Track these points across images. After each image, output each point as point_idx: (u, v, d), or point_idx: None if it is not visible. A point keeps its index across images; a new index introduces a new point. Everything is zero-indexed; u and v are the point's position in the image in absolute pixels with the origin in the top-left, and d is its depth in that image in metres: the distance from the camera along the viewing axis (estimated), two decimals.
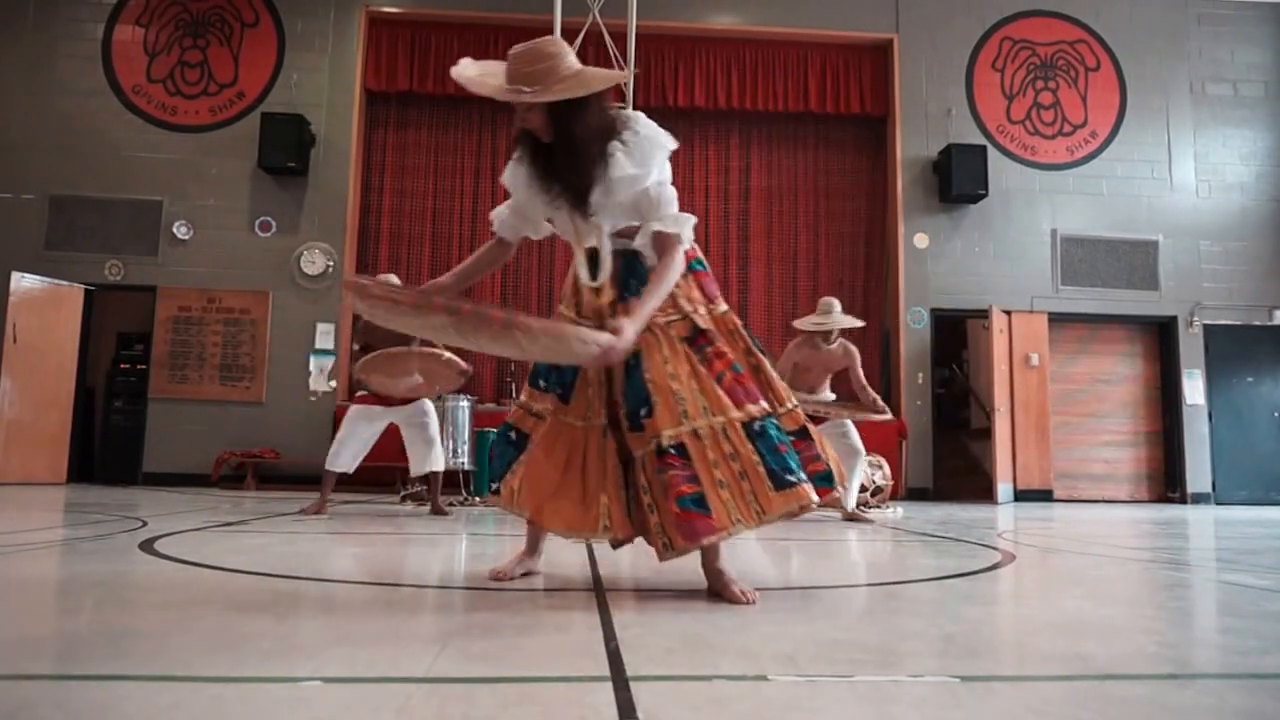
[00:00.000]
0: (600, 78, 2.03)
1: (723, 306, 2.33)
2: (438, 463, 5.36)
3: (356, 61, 9.29)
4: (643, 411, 2.08)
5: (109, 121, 9.05)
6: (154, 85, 9.16)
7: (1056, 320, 9.47)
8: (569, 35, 8.25)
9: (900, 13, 9.71)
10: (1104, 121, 9.84)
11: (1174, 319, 9.58)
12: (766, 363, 2.26)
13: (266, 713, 1.14)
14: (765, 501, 2.00)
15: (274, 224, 9.02)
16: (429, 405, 5.42)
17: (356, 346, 5.33)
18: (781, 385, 2.26)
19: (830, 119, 9.88)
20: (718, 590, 2.15)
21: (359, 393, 5.39)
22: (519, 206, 2.34)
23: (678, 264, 2.16)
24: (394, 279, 5.17)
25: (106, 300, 9.10)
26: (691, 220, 2.23)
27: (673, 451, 2.02)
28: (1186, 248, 9.69)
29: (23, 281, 8.20)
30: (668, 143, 2.13)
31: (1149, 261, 9.63)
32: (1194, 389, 9.48)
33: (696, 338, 2.18)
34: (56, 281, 8.49)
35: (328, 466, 5.20)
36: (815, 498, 2.05)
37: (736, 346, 2.23)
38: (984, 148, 9.41)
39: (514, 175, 2.25)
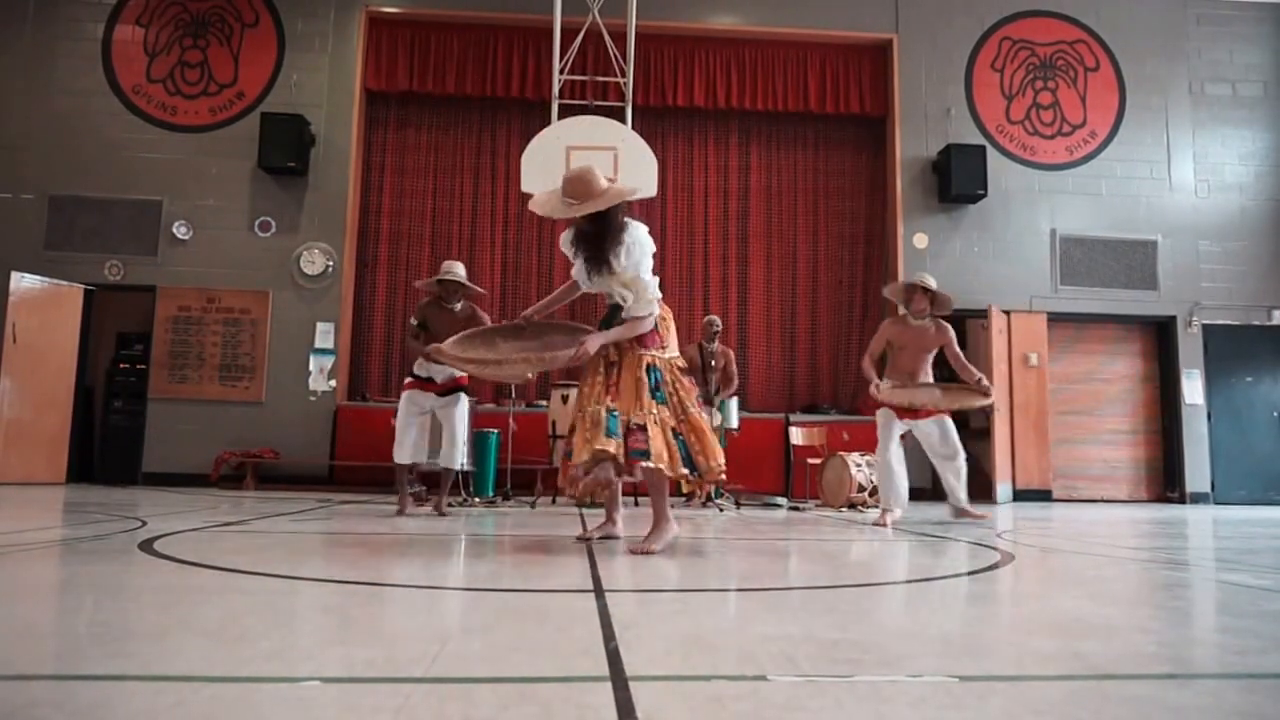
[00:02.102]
0: (616, 193, 3.31)
1: (670, 354, 3.53)
2: (454, 461, 5.40)
3: (356, 61, 9.29)
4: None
5: (109, 121, 9.05)
6: (154, 85, 9.16)
7: (1056, 320, 9.47)
8: (569, 35, 8.28)
9: (900, 13, 9.71)
10: (1103, 122, 9.85)
11: (1173, 319, 9.58)
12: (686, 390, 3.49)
13: (266, 713, 1.14)
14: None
15: (274, 224, 9.01)
16: (465, 400, 5.46)
17: (415, 322, 5.35)
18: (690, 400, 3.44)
19: (830, 119, 9.88)
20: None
21: (407, 379, 5.45)
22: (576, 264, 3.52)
23: (635, 329, 3.40)
24: (459, 269, 5.34)
25: (106, 300, 9.09)
26: (656, 299, 3.44)
27: (635, 426, 3.27)
28: (1185, 248, 9.70)
29: (23, 281, 8.20)
30: (651, 247, 3.40)
31: (1148, 261, 9.64)
32: (1193, 389, 9.48)
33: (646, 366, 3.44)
34: (56, 281, 8.48)
35: (395, 460, 5.36)
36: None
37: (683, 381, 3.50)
38: (983, 148, 9.41)
39: (566, 244, 3.48)
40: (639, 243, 3.35)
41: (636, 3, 8.31)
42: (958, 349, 5.47)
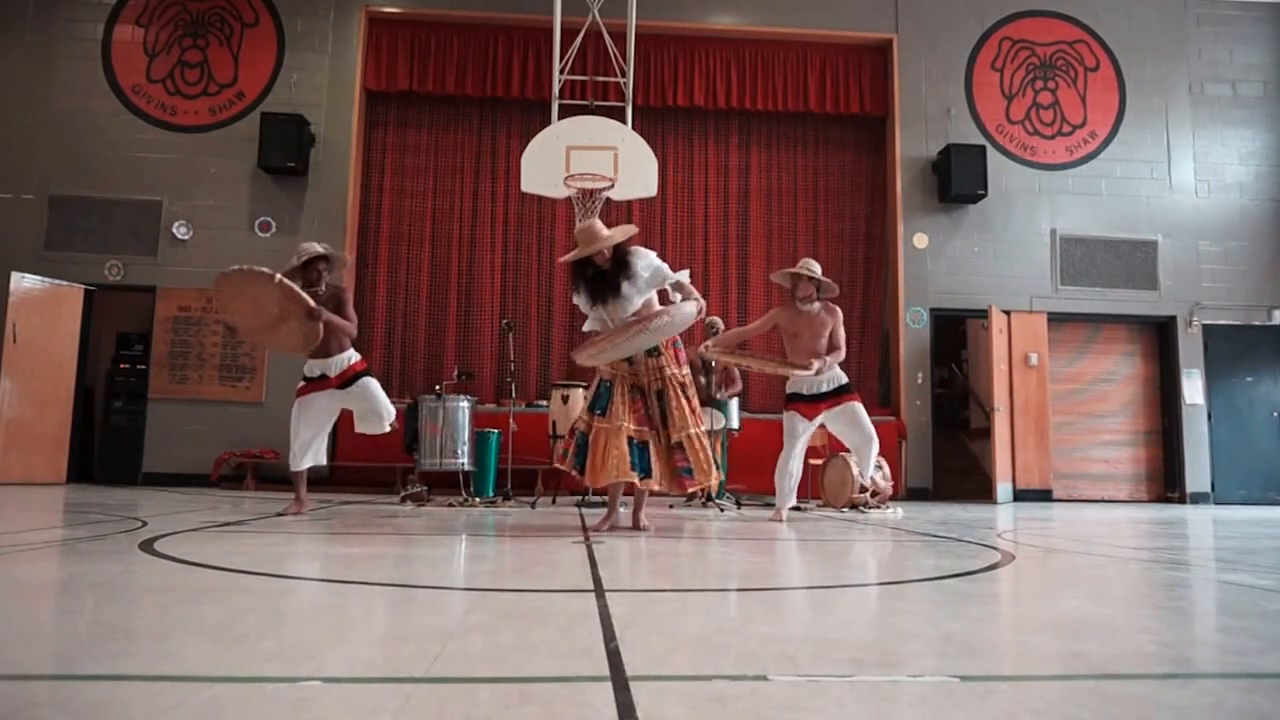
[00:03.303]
0: (624, 231, 4.23)
1: (686, 370, 4.31)
2: (384, 424, 5.21)
3: (356, 61, 9.29)
4: (665, 422, 4.23)
5: (109, 121, 9.05)
6: (154, 85, 9.16)
7: (1056, 320, 9.47)
8: (569, 35, 8.28)
9: (900, 13, 9.71)
10: (1103, 121, 9.85)
11: (1173, 319, 9.58)
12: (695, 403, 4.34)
13: (266, 713, 1.14)
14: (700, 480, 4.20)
15: (274, 224, 9.01)
16: (370, 382, 5.17)
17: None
18: (697, 414, 4.29)
19: (830, 119, 9.88)
20: (636, 522, 4.34)
21: (299, 384, 5.21)
22: (587, 310, 4.32)
23: (693, 291, 4.24)
24: (316, 245, 5.20)
25: (106, 300, 9.09)
26: (686, 271, 4.34)
27: (678, 446, 4.19)
28: (1186, 247, 9.69)
29: (23, 281, 8.20)
30: (655, 255, 4.29)
31: (1148, 261, 9.63)
32: (1193, 389, 9.48)
33: (685, 386, 4.27)
34: (56, 281, 8.48)
35: (291, 468, 5.16)
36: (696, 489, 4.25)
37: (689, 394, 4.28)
38: (983, 148, 9.41)
39: (580, 298, 4.28)
40: (645, 253, 4.25)
41: (636, 3, 8.31)
42: (841, 332, 5.46)
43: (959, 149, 9.32)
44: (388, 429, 5.27)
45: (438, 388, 6.88)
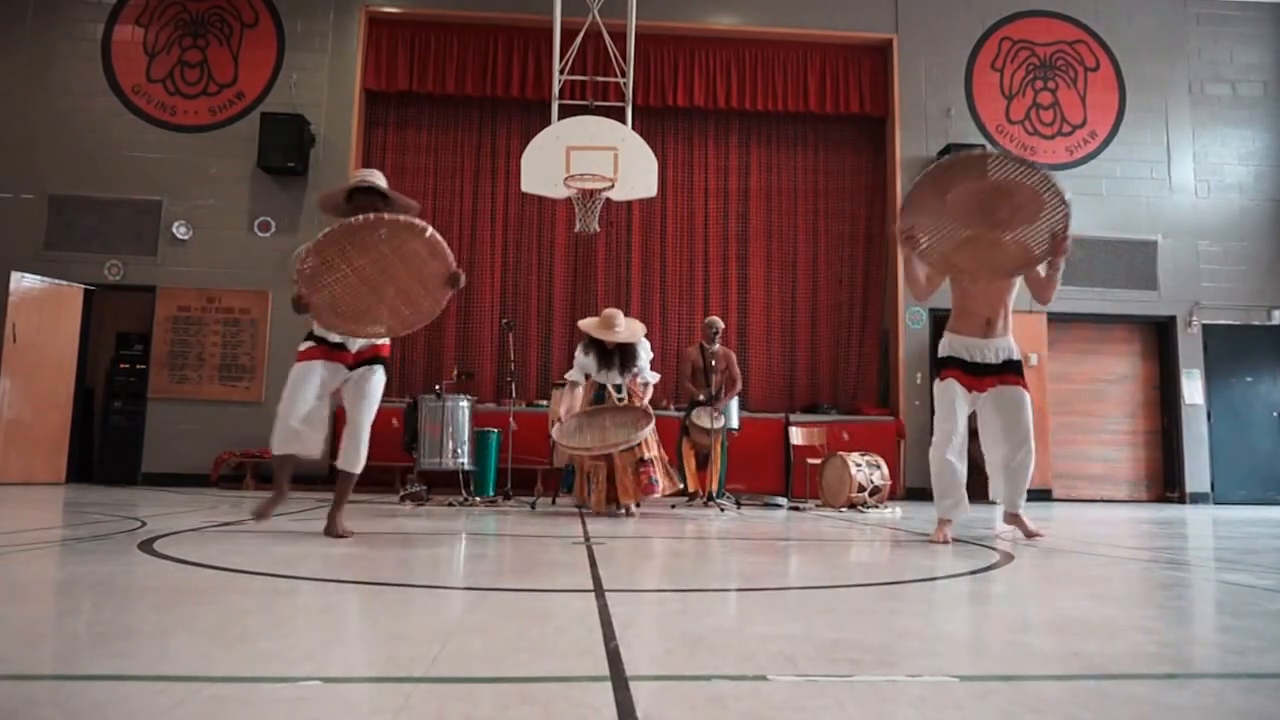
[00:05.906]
0: (639, 329, 5.94)
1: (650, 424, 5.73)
2: (356, 463, 4.11)
3: (356, 61, 9.28)
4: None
5: (109, 121, 9.04)
6: (154, 85, 9.16)
7: (1056, 320, 9.46)
8: (569, 35, 8.28)
9: (900, 13, 9.71)
10: (1103, 122, 9.84)
11: (1173, 319, 9.58)
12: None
13: (266, 713, 1.14)
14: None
15: (273, 224, 9.01)
16: (382, 379, 4.11)
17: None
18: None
19: (830, 119, 9.88)
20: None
21: (304, 345, 4.13)
22: (586, 368, 5.78)
23: (649, 391, 6.02)
24: (379, 176, 4.07)
25: (106, 300, 9.09)
26: (657, 376, 6.11)
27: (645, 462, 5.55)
28: (1185, 248, 9.69)
29: (22, 281, 8.20)
30: (647, 350, 5.97)
31: (1148, 261, 9.63)
32: (1193, 389, 9.48)
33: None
34: (56, 281, 8.48)
35: (275, 451, 4.18)
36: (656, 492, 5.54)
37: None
38: (983, 148, 9.38)
39: (586, 357, 5.76)
40: (647, 349, 5.89)
41: (636, 3, 8.31)
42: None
43: (959, 149, 9.27)
44: (356, 469, 4.15)
45: (437, 387, 6.88)
